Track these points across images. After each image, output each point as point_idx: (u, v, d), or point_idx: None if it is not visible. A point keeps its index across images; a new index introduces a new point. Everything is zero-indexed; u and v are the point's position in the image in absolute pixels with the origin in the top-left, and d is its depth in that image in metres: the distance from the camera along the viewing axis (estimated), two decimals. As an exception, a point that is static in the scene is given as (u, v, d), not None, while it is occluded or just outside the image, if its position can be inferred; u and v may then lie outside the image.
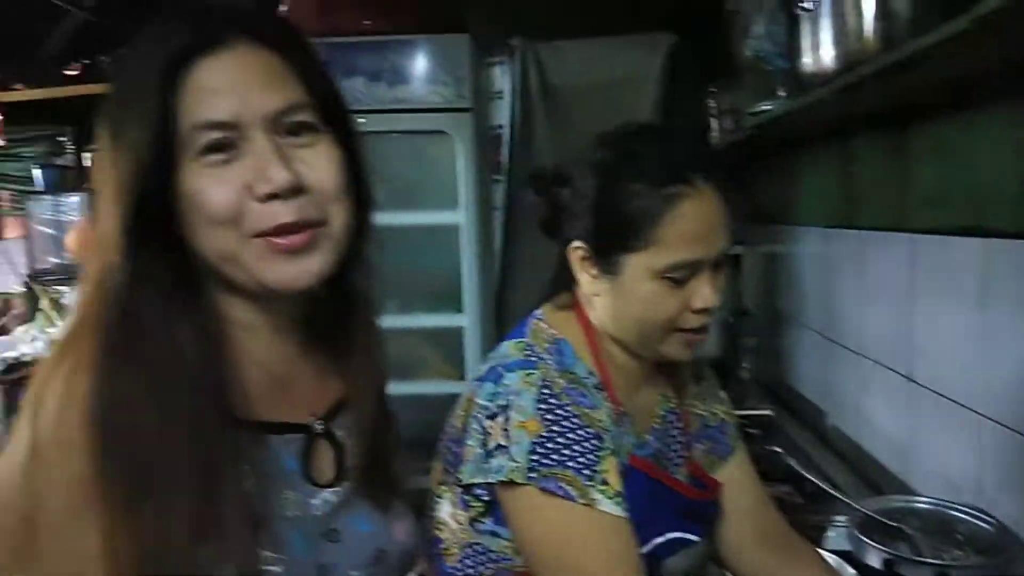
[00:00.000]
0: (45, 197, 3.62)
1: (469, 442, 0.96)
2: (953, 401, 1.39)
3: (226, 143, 0.69)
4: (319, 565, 0.76)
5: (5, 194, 4.23)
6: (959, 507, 1.32)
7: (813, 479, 1.45)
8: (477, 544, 1.01)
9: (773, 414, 2.25)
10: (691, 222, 0.95)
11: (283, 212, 0.70)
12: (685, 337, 1.00)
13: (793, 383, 2.41)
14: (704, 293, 0.97)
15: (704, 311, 0.98)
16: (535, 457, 0.90)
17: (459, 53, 2.32)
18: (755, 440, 2.08)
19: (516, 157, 2.71)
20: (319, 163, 0.73)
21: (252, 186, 0.69)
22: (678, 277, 0.96)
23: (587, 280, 1.03)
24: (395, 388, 2.78)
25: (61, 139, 4.26)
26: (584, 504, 0.89)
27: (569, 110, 2.66)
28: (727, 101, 2.28)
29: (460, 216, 2.38)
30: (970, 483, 1.34)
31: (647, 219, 0.95)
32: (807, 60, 1.28)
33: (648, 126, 1.12)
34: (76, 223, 3.41)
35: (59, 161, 3.98)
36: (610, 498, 0.91)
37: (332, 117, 0.77)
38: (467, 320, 2.39)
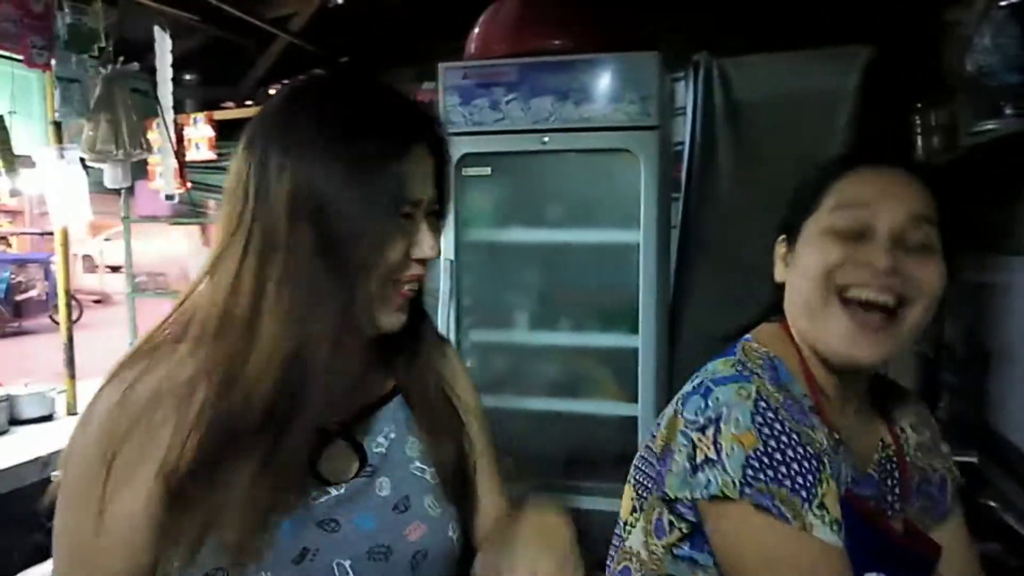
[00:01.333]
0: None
1: (676, 457, 0.92)
2: None
3: None
4: (301, 548, 0.84)
5: (212, 203, 4.63)
6: None
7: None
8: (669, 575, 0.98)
9: (977, 461, 2.05)
10: (865, 183, 0.95)
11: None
12: (843, 310, 0.92)
13: (998, 427, 2.19)
14: (867, 251, 0.91)
15: (873, 268, 0.91)
16: (750, 471, 0.85)
17: (647, 71, 2.30)
18: (961, 491, 1.91)
19: (696, 175, 2.65)
20: None
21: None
22: (847, 229, 0.93)
23: (780, 271, 1.02)
24: (566, 406, 2.82)
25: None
26: (799, 527, 0.84)
27: (755, 128, 2.57)
28: (936, 119, 2.12)
29: (639, 235, 2.35)
30: None
31: (825, 182, 0.98)
32: (1045, 76, 1.16)
33: None
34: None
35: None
36: (827, 524, 0.85)
37: None
38: (642, 341, 2.36)
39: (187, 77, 3.64)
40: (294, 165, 0.85)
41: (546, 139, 2.37)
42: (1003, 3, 1.27)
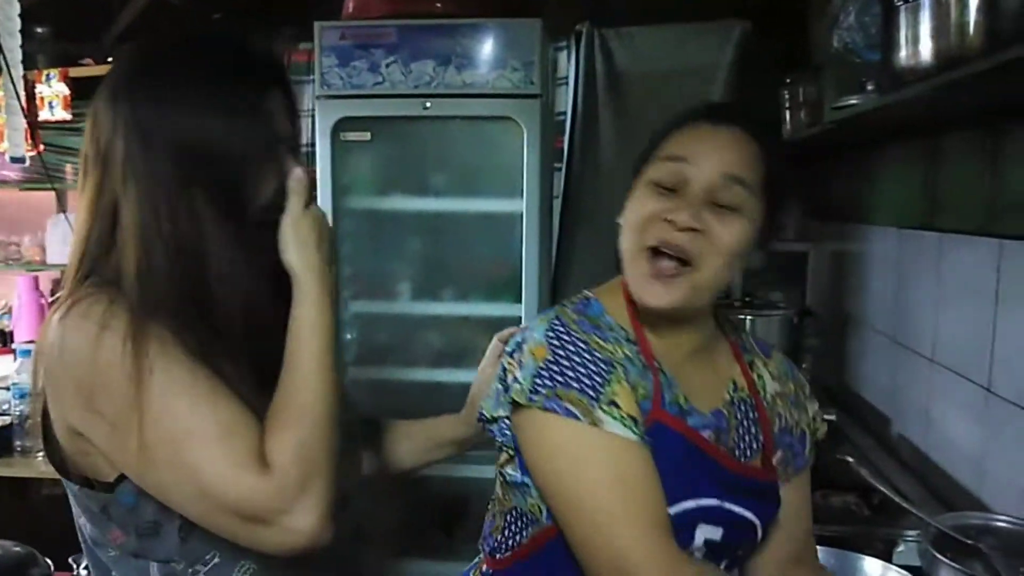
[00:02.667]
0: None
1: (495, 384, 0.98)
2: (1037, 416, 1.33)
3: None
4: None
5: (69, 167, 4.32)
6: (1041, 528, 1.27)
7: (886, 491, 1.40)
8: (513, 508, 1.02)
9: (835, 419, 2.19)
10: (691, 138, 0.99)
11: None
12: (650, 262, 0.96)
13: (857, 388, 2.34)
14: (676, 212, 0.94)
15: (676, 227, 0.94)
16: (538, 379, 0.90)
17: (529, 37, 2.28)
18: (818, 446, 2.03)
19: (578, 145, 2.67)
20: None
21: None
22: (666, 185, 0.97)
23: (622, 217, 1.04)
24: (450, 376, 2.80)
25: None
26: (589, 423, 0.88)
27: (636, 98, 2.61)
28: (803, 94, 2.21)
29: (523, 204, 2.35)
30: (1053, 503, 1.28)
31: (663, 137, 1.02)
32: (903, 54, 1.22)
33: None
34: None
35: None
36: (617, 419, 0.89)
37: None
38: (525, 311, 2.37)
39: (39, 30, 3.35)
40: (173, 117, 0.92)
41: (428, 104, 2.33)
42: (867, -17, 1.33)
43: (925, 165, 1.81)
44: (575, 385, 0.89)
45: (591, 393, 0.89)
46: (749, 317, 2.56)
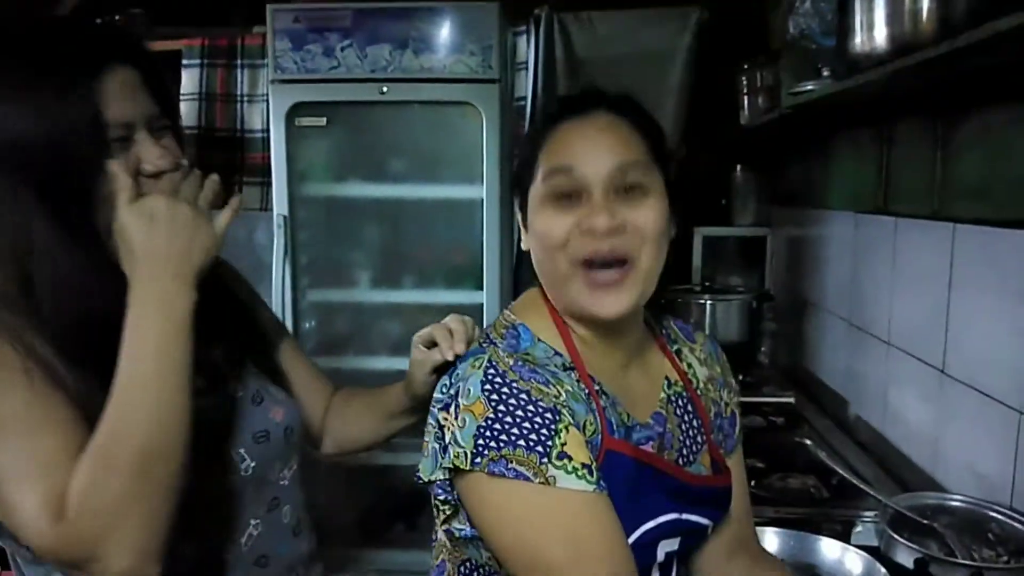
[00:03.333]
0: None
1: (425, 438, 0.92)
2: (989, 396, 1.35)
3: None
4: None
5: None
6: (993, 506, 1.30)
7: (844, 473, 1.42)
8: (467, 560, 0.97)
9: (794, 401, 2.22)
10: (566, 138, 0.94)
11: None
12: (584, 276, 0.93)
13: (814, 370, 2.38)
14: (592, 218, 0.90)
15: (595, 233, 0.91)
16: (481, 441, 0.84)
17: (487, 21, 2.25)
18: (777, 428, 2.06)
19: (538, 131, 2.65)
20: None
21: None
22: (560, 192, 0.93)
23: (525, 239, 1.00)
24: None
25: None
26: (540, 483, 0.82)
27: (595, 83, 2.60)
28: (760, 79, 2.22)
29: (482, 191, 2.33)
30: (1004, 482, 1.31)
31: (537, 147, 0.97)
32: (858, 40, 1.22)
33: None
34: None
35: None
36: (571, 472, 0.83)
37: None
38: (486, 298, 2.36)
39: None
40: None
41: (385, 89, 2.29)
42: (823, -31, 1.33)
43: (880, 151, 1.84)
44: (521, 443, 0.83)
45: (540, 449, 0.83)
46: (708, 301, 2.59)
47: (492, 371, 0.88)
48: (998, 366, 1.33)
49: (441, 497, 0.92)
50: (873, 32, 1.20)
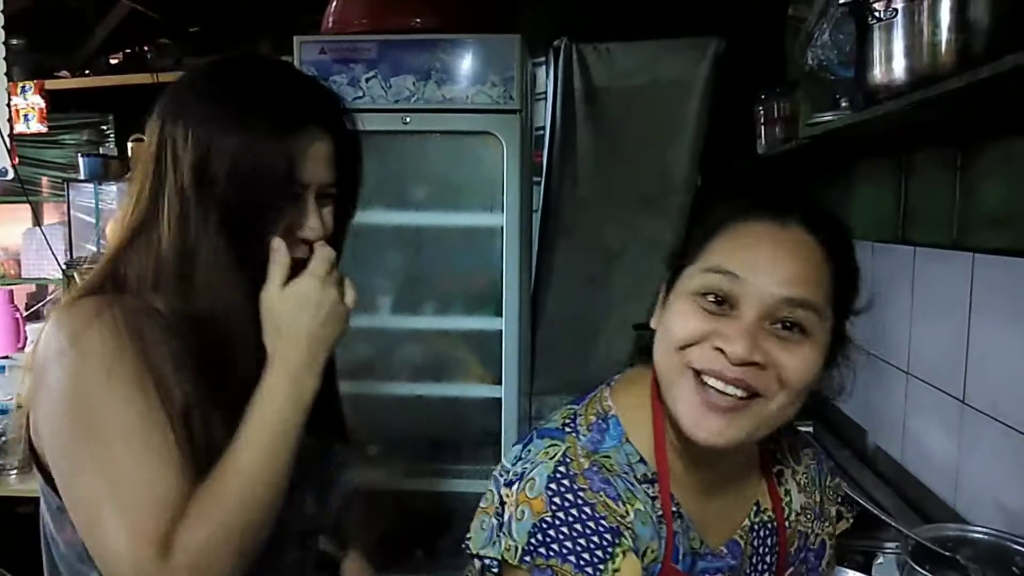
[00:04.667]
0: (86, 185, 3.67)
1: (482, 504, 0.89)
2: (1011, 427, 1.35)
3: None
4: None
5: (45, 180, 4.27)
6: (1017, 538, 1.28)
7: (864, 503, 1.41)
8: None
9: (812, 430, 2.20)
10: (745, 240, 0.84)
11: None
12: (691, 383, 0.82)
13: (833, 400, 2.36)
14: (727, 334, 0.79)
15: (728, 356, 0.79)
16: (534, 541, 0.79)
17: (508, 53, 2.29)
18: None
19: (556, 160, 2.69)
20: None
21: None
22: (715, 299, 0.82)
23: (656, 317, 0.90)
24: (430, 390, 2.79)
25: (104, 128, 4.33)
26: None
27: (613, 113, 2.63)
28: (777, 109, 2.24)
29: (502, 219, 2.35)
30: (1027, 513, 1.30)
31: (708, 232, 0.86)
32: (876, 72, 1.24)
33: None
34: (115, 212, 3.44)
35: (101, 150, 4.02)
36: None
37: None
38: (505, 324, 2.37)
39: (14, 41, 3.32)
40: (197, 139, 0.92)
41: (408, 119, 2.33)
42: (841, 1, 1.35)
43: (898, 180, 1.84)
44: (572, 559, 0.79)
45: (589, 571, 0.78)
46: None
47: (563, 469, 0.83)
48: (1020, 396, 1.32)
49: (487, 564, 0.88)
50: (892, 64, 1.21)
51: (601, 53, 2.65)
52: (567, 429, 0.88)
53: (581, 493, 0.81)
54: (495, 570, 0.87)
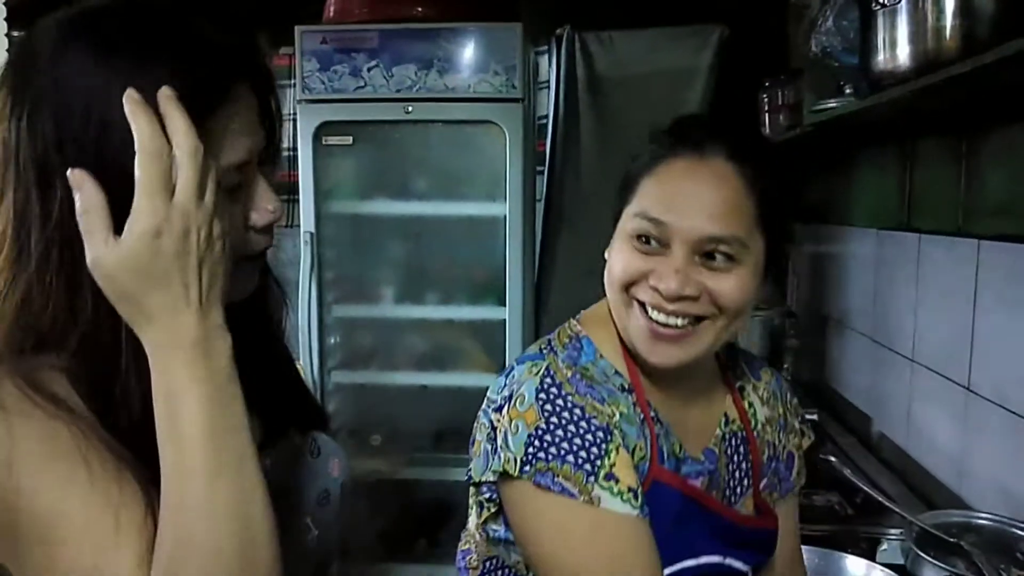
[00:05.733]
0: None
1: (478, 437, 0.91)
2: (1015, 414, 1.34)
3: None
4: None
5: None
6: (1021, 524, 1.28)
7: (868, 490, 1.42)
8: (494, 557, 0.97)
9: (817, 418, 2.20)
10: (670, 181, 0.89)
11: None
12: (639, 317, 0.89)
13: (837, 387, 2.36)
14: (661, 273, 0.87)
15: (659, 291, 0.87)
16: (531, 449, 0.83)
17: (510, 42, 2.29)
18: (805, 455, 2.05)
19: (559, 149, 2.68)
20: None
21: None
22: (646, 238, 0.88)
23: (608, 251, 0.96)
24: (434, 379, 2.80)
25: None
26: (584, 501, 0.82)
27: (616, 102, 2.63)
28: (781, 97, 2.23)
29: (505, 208, 2.35)
30: (1032, 500, 1.30)
31: (639, 172, 0.92)
32: (880, 58, 1.23)
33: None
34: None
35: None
36: (616, 495, 0.83)
37: None
38: (509, 313, 2.37)
39: (15, 33, 3.31)
40: (63, 125, 0.64)
41: (410, 108, 2.33)
42: (845, -12, 1.35)
43: (903, 167, 1.83)
44: (570, 459, 0.82)
45: (587, 468, 0.82)
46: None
47: (548, 380, 0.87)
48: (1025, 383, 1.32)
49: (486, 495, 0.92)
50: (896, 50, 1.20)
51: (604, 41, 2.64)
52: (544, 351, 0.94)
53: (570, 397, 0.86)
54: (495, 500, 0.91)
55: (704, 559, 0.93)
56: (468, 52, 2.30)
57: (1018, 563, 1.25)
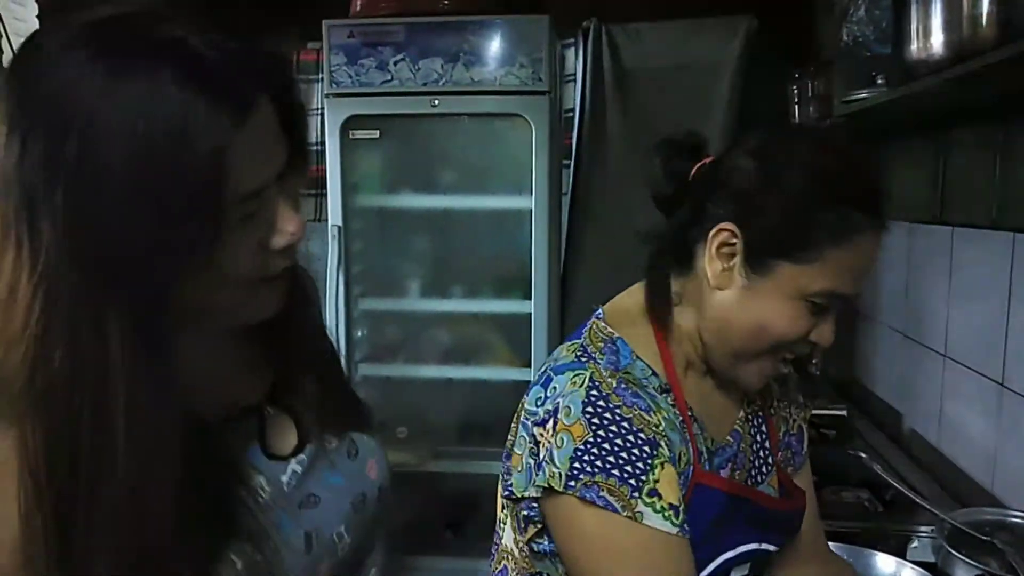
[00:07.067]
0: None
1: (517, 451, 0.92)
2: (1052, 411, 1.32)
3: None
4: (306, 534, 0.75)
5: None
6: (1056, 523, 1.26)
7: (899, 487, 1.40)
8: (539, 574, 0.97)
9: (846, 414, 2.18)
10: (864, 258, 0.89)
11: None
12: (774, 365, 0.94)
13: (867, 382, 2.33)
14: (825, 331, 0.90)
15: (812, 346, 0.92)
16: (577, 464, 0.83)
17: (538, 35, 2.28)
18: (828, 441, 2.03)
19: (586, 142, 2.67)
20: None
21: None
22: (822, 304, 0.88)
23: (717, 270, 0.91)
24: (459, 372, 2.80)
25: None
26: (627, 516, 0.82)
27: (643, 94, 2.61)
28: (811, 87, 2.20)
29: (531, 201, 2.35)
30: (1068, 498, 1.28)
31: (829, 237, 0.87)
32: (914, 47, 1.21)
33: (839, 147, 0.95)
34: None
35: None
36: (659, 512, 0.83)
37: None
38: (534, 307, 2.37)
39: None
40: (71, 169, 0.57)
41: (436, 102, 2.33)
42: (877, -25, 1.32)
43: (936, 158, 1.80)
44: (615, 472, 0.83)
45: (632, 483, 0.83)
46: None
47: (595, 393, 0.86)
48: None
49: (525, 513, 0.92)
50: (930, 38, 1.18)
51: (631, 34, 2.62)
52: (583, 359, 0.92)
53: (617, 410, 0.85)
54: (536, 520, 0.91)
55: (741, 548, 0.95)
56: (494, 45, 2.29)
57: (1053, 562, 1.23)
